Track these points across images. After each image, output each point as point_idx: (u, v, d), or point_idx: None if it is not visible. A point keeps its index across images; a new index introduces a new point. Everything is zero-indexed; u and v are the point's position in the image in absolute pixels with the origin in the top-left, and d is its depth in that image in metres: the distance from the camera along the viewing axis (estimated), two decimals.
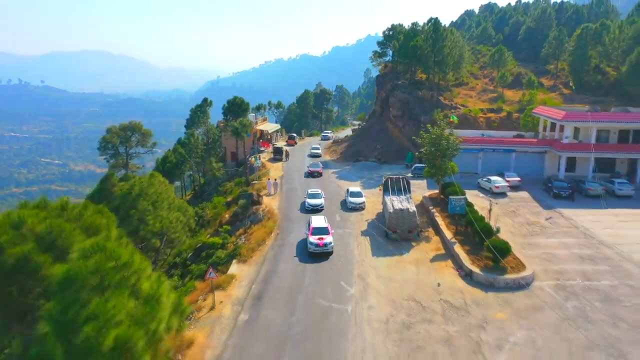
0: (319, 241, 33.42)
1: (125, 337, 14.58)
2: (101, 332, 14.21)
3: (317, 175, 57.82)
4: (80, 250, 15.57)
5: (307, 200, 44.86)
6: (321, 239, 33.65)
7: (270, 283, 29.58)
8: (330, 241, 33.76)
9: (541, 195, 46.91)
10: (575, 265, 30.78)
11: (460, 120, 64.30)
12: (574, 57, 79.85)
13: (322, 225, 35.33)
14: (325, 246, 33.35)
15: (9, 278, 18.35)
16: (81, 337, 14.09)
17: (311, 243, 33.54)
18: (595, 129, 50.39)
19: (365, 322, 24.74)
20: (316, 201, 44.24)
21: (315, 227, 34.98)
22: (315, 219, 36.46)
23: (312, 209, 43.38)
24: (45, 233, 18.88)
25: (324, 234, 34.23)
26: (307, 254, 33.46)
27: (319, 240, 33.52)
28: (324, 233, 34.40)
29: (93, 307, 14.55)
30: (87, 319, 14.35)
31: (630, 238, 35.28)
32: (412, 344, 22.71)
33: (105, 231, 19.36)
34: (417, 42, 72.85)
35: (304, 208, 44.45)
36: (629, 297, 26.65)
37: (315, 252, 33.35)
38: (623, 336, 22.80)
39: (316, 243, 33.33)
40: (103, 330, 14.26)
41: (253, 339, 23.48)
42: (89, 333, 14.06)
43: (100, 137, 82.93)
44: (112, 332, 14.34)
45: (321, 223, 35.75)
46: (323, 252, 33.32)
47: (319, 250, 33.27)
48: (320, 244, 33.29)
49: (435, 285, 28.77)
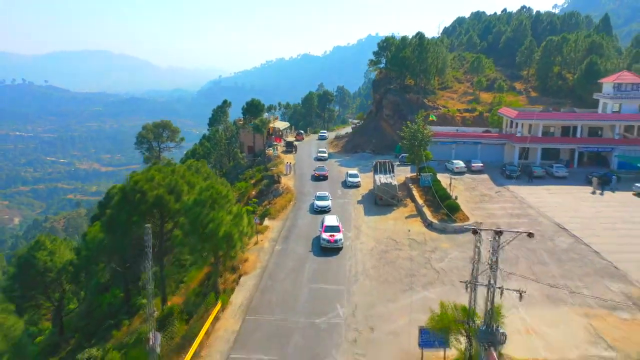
0: (330, 237, 36.59)
1: (228, 231, 27.07)
2: (217, 227, 26.71)
3: (323, 178, 59.51)
4: (200, 188, 28.08)
5: (316, 202, 46.90)
6: (332, 235, 36.72)
7: (293, 230, 42.09)
8: (340, 238, 36.81)
9: (497, 176, 59.22)
10: (505, 219, 43.16)
11: (439, 119, 76.64)
12: (540, 65, 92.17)
13: (334, 224, 38.26)
14: (336, 242, 36.49)
15: (150, 210, 30.82)
16: (207, 230, 26.58)
17: (323, 239, 36.64)
18: (541, 126, 62.77)
19: (358, 250, 37.20)
20: (324, 203, 46.43)
21: (328, 225, 37.97)
22: (328, 218, 39.60)
23: (320, 211, 45.35)
24: (168, 184, 31.34)
25: (335, 232, 37.14)
26: (320, 248, 36.81)
27: (331, 237, 36.67)
28: (336, 231, 37.29)
29: (211, 216, 27.02)
30: (209, 221, 26.81)
31: (551, 203, 47.66)
32: (387, 260, 35.16)
33: (206, 179, 31.86)
34: (406, 53, 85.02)
35: (312, 209, 46.95)
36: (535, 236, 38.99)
37: (327, 247, 36.38)
38: (521, 255, 35.22)
39: (328, 239, 36.49)
40: (218, 227, 26.76)
41: (285, 259, 35.92)
42: (211, 228, 26.56)
43: (137, 133, 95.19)
44: (222, 228, 26.83)
45: (333, 222, 38.67)
46: (333, 248, 36.49)
47: (330, 245, 36.35)
48: (332, 240, 36.49)
49: (406, 231, 41.20)
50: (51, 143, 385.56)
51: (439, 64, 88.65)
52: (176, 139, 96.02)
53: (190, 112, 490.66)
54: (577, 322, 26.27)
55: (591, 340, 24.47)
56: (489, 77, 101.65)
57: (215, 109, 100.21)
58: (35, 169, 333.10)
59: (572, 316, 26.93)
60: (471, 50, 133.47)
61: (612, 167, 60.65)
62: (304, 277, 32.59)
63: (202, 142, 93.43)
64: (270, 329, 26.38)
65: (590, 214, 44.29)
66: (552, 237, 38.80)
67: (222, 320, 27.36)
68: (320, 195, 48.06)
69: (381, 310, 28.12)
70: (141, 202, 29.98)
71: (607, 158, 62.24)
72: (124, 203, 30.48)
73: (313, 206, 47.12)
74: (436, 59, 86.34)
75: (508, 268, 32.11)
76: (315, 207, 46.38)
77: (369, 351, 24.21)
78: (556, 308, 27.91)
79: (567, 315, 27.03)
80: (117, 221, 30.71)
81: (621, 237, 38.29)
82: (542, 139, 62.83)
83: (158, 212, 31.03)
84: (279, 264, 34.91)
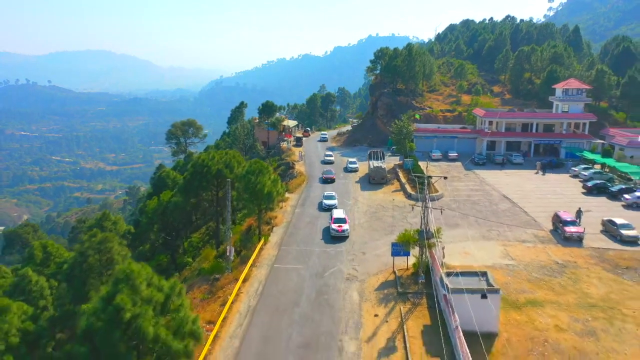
0: (338, 228, 41.95)
1: (269, 190, 40.32)
2: (262, 188, 39.94)
3: (331, 181, 62.63)
4: (250, 162, 41.34)
5: (324, 201, 51.62)
6: (340, 226, 41.97)
7: (307, 200, 55.38)
8: (347, 228, 41.83)
9: (467, 163, 72.36)
10: (466, 192, 56.38)
11: (425, 117, 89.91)
12: (512, 71, 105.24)
13: (342, 217, 43.57)
14: (343, 232, 41.62)
15: (213, 179, 44.06)
16: (258, 186, 39.78)
17: (333, 229, 41.84)
18: (504, 123, 75.98)
19: (355, 211, 50.46)
20: (331, 202, 51.10)
21: (336, 217, 43.44)
22: (336, 212, 44.97)
23: (328, 209, 49.75)
24: (224, 161, 44.59)
25: (342, 223, 42.41)
26: (329, 236, 42.25)
27: (339, 227, 41.96)
28: (343, 222, 42.54)
29: (259, 179, 40.22)
30: (257, 183, 40.01)
31: (503, 182, 60.85)
32: (376, 217, 48.44)
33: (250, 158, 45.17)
34: (397, 62, 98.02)
35: (321, 207, 51.50)
36: (484, 202, 52.29)
37: (335, 235, 41.71)
38: (471, 212, 48.44)
39: (336, 229, 41.82)
40: (265, 184, 39.98)
41: (303, 216, 49.19)
42: (259, 188, 39.80)
43: (167, 130, 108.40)
44: (265, 188, 40.06)
45: (341, 215, 44.05)
46: (341, 236, 41.79)
47: (338, 234, 41.64)
48: (340, 230, 41.80)
49: (391, 200, 54.45)
50: (56, 142, 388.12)
51: (426, 71, 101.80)
52: (200, 135, 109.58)
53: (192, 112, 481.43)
54: (498, 249, 39.49)
55: (503, 257, 37.70)
56: (471, 81, 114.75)
57: (233, 109, 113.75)
58: (42, 167, 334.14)
59: (495, 246, 40.14)
60: (459, 57, 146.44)
61: (561, 156, 73.74)
62: (316, 227, 45.85)
63: (224, 137, 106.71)
64: (296, 254, 39.65)
65: (530, 189, 57.59)
66: (497, 203, 52.07)
67: (265, 250, 40.63)
68: (327, 195, 52.74)
69: (370, 244, 41.35)
70: (207, 173, 43.25)
71: (557, 149, 75.31)
72: (196, 174, 43.75)
73: (322, 205, 51.42)
74: (423, 66, 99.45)
75: (461, 220, 45.56)
76: (323, 205, 50.87)
77: (361, 264, 37.43)
78: (487, 242, 41.10)
79: (493, 246, 40.21)
80: (191, 187, 44.01)
81: (546, 203, 51.41)
82: (504, 133, 76.10)
83: (217, 180, 44.27)
84: (299, 219, 48.26)
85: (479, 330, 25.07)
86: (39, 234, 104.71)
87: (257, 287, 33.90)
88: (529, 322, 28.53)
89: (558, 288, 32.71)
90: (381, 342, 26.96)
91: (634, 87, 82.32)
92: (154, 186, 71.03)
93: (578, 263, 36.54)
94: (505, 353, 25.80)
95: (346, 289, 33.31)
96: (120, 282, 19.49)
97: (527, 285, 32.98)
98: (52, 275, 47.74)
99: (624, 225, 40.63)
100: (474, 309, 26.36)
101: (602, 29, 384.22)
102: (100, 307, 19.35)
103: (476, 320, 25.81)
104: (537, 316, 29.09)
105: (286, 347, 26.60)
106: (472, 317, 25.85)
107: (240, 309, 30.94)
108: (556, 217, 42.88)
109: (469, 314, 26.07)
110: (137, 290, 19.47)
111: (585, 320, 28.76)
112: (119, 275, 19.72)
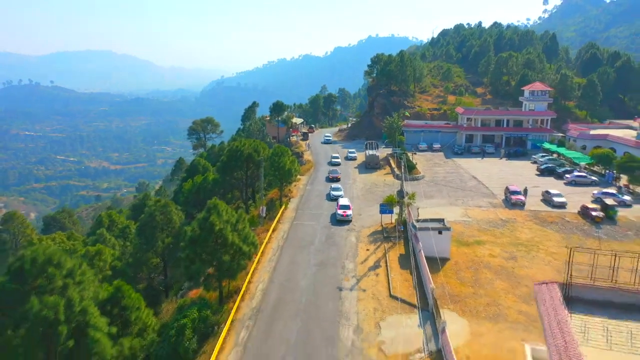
0: (343, 213, 48.26)
1: (289, 167, 52.65)
2: (284, 165, 52.25)
3: (336, 180, 66.47)
4: (275, 147, 53.62)
5: (331, 192, 57.65)
6: (345, 212, 48.30)
7: (315, 180, 67.71)
8: (350, 213, 48.07)
9: (448, 153, 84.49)
10: (443, 174, 68.57)
11: (414, 115, 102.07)
12: (492, 74, 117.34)
13: (346, 204, 50.28)
14: (347, 217, 47.82)
15: (244, 162, 56.30)
16: (281, 164, 52.12)
17: (338, 214, 48.25)
18: (480, 120, 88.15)
19: (354, 188, 62.75)
20: (338, 193, 57.03)
21: (342, 204, 50.08)
22: (342, 200, 51.85)
23: (334, 199, 55.20)
24: (252, 147, 56.82)
25: (346, 210, 48.89)
26: (335, 220, 48.77)
27: (344, 212, 48.27)
28: (347, 209, 49.07)
29: (281, 159, 52.55)
30: (280, 162, 52.28)
31: (476, 167, 72.98)
32: (370, 192, 60.73)
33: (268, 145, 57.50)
34: (391, 67, 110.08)
35: (329, 197, 57.41)
36: (456, 181, 64.50)
37: (340, 220, 47.90)
38: (445, 189, 60.62)
39: (341, 214, 48.21)
40: (286, 163, 52.29)
41: (313, 191, 61.51)
42: (282, 166, 52.11)
43: (188, 127, 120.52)
44: (286, 166, 52.36)
45: (345, 202, 50.81)
46: (345, 220, 48.17)
47: (343, 219, 47.86)
48: (344, 215, 48.11)
49: (383, 180, 66.67)
50: (60, 142, 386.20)
51: (416, 74, 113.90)
52: (217, 131, 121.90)
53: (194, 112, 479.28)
54: (460, 211, 51.67)
55: (463, 216, 49.91)
56: (457, 83, 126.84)
57: (246, 108, 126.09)
58: (47, 167, 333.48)
59: (458, 209, 52.31)
60: (449, 61, 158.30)
61: (528, 147, 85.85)
62: (323, 198, 58.10)
63: (239, 132, 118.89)
64: (310, 214, 51.88)
65: (494, 171, 69.80)
66: (466, 182, 64.27)
67: (285, 213, 52.81)
68: (334, 187, 59.35)
69: (365, 209, 53.55)
70: (240, 156, 55.47)
71: (525, 140, 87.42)
72: (231, 157, 55.90)
73: (329, 195, 57.34)
74: (414, 70, 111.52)
75: (436, 192, 57.84)
76: (331, 196, 56.75)
77: (358, 221, 49.58)
78: (453, 207, 53.29)
79: (457, 209, 52.37)
80: (227, 167, 56.20)
81: (505, 182, 63.31)
82: (480, 128, 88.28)
83: (247, 163, 56.46)
84: (310, 193, 60.57)
85: (437, 256, 37.25)
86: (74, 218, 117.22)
87: (283, 235, 46.21)
88: (473, 253, 40.77)
89: (498, 234, 44.98)
90: (370, 263, 39.23)
91: (592, 89, 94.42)
92: (187, 172, 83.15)
93: (517, 219, 48.80)
94: (452, 268, 38.04)
95: (347, 236, 45.56)
96: (211, 209, 31.71)
97: (476, 233, 45.26)
98: (117, 236, 60.06)
99: (556, 194, 52.86)
100: (433, 242, 38.57)
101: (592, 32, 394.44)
102: (199, 223, 31.59)
103: (435, 249, 37.99)
104: (479, 250, 41.34)
105: (307, 265, 38.85)
106: (432, 247, 38.06)
107: (273, 246, 43.23)
108: (507, 189, 55.19)
109: (430, 245, 38.29)
110: (220, 214, 31.68)
111: (511, 252, 41.00)
112: (209, 204, 31.94)
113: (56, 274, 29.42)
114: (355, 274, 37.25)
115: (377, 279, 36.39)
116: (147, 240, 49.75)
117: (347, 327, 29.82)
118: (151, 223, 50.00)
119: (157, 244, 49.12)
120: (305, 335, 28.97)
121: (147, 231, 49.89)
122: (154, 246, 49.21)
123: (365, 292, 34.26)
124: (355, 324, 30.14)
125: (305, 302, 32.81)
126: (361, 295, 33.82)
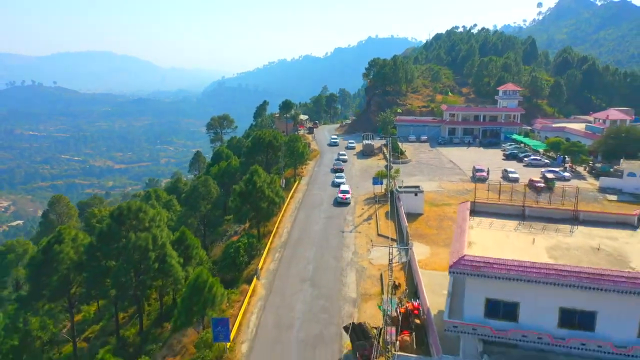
0: (343, 196, 56.53)
1: (302, 151, 65.93)
2: (298, 149, 65.43)
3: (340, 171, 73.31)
4: (290, 135, 66.76)
5: (335, 179, 66.83)
6: (345, 196, 56.69)
7: (321, 164, 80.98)
8: (349, 197, 56.48)
9: (433, 143, 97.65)
10: (426, 159, 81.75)
11: (405, 112, 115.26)
12: (475, 76, 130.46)
13: (346, 189, 58.95)
14: (346, 199, 56.23)
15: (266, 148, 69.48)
16: (296, 148, 65.31)
17: (339, 197, 56.64)
18: (460, 115, 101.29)
19: (353, 170, 76.04)
20: (340, 180, 65.98)
21: (342, 189, 58.65)
22: (342, 186, 60.83)
23: (338, 185, 63.71)
24: (272, 135, 69.98)
25: (346, 194, 57.36)
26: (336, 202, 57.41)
27: (343, 196, 56.69)
28: (346, 193, 57.52)
29: (296, 144, 65.71)
30: (295, 146, 65.43)
31: (454, 154, 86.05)
32: (366, 172, 73.97)
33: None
34: (386, 70, 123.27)
35: (333, 184, 65.91)
36: (436, 164, 77.68)
37: (341, 202, 56.11)
38: (426, 169, 73.86)
39: (341, 197, 56.53)
40: (298, 149, 65.45)
41: (319, 172, 74.80)
42: (296, 149, 65.34)
43: (207, 122, 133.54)
44: (300, 150, 65.54)
45: (346, 188, 59.70)
46: (345, 203, 56.26)
47: (342, 201, 55.98)
48: (344, 198, 56.34)
49: (377, 164, 79.86)
50: (64, 142, 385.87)
51: (408, 77, 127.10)
52: (232, 127, 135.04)
53: (196, 112, 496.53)
54: (435, 184, 64.82)
55: (437, 187, 63.10)
56: (445, 83, 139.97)
57: (258, 106, 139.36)
58: (52, 166, 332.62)
59: (434, 183, 65.46)
60: (440, 63, 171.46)
61: (501, 138, 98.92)
62: (329, 178, 71.31)
63: (252, 128, 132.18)
64: (318, 186, 65.15)
65: (469, 157, 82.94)
66: (444, 164, 77.46)
67: (299, 186, 66.00)
68: (338, 175, 68.99)
69: (361, 184, 66.69)
70: (262, 142, 68.67)
71: (499, 133, 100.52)
72: (254, 144, 69.07)
73: (333, 182, 66.44)
74: (405, 73, 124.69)
75: (418, 172, 71.03)
76: (335, 183, 65.90)
77: (356, 191, 62.66)
78: (430, 182, 66.35)
79: (433, 183, 65.47)
80: (252, 151, 69.37)
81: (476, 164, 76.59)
82: (461, 122, 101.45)
83: (267, 148, 69.57)
84: (317, 174, 73.84)
85: (414, 212, 50.47)
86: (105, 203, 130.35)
87: (299, 200, 59.50)
88: (440, 211, 53.97)
89: (461, 199, 58.03)
90: (364, 217, 52.48)
91: (558, 89, 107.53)
92: (212, 159, 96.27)
93: (478, 189, 61.83)
94: (424, 219, 51.25)
95: None
96: (253, 173, 44.96)
97: (446, 198, 58.49)
98: (162, 207, 73.14)
99: (512, 172, 66.11)
100: (411, 201, 51.81)
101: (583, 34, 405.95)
102: (245, 182, 44.80)
103: (412, 207, 51.27)
104: (446, 209, 54.51)
105: (318, 218, 52.15)
106: (410, 205, 51.30)
107: (292, 207, 56.49)
108: (473, 168, 68.39)
109: (408, 203, 51.51)
110: (260, 175, 44.96)
111: None
112: (252, 169, 45.16)
113: (145, 218, 42.90)
114: (354, 223, 50.54)
115: (369, 225, 49.69)
116: (191, 207, 63.01)
117: (348, 251, 43.13)
118: (194, 193, 63.25)
119: (200, 210, 62.36)
120: (320, 255, 42.29)
121: (192, 200, 63.13)
122: (197, 212, 62.42)
123: (360, 233, 47.57)
124: (353, 249, 43.45)
125: (318, 238, 46.16)
126: (357, 235, 47.12)
